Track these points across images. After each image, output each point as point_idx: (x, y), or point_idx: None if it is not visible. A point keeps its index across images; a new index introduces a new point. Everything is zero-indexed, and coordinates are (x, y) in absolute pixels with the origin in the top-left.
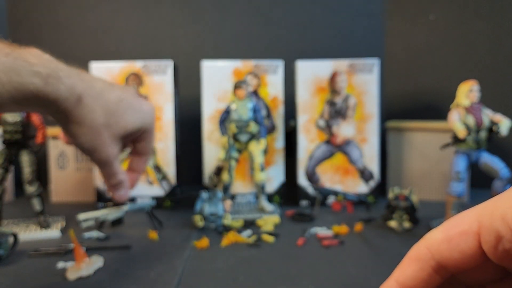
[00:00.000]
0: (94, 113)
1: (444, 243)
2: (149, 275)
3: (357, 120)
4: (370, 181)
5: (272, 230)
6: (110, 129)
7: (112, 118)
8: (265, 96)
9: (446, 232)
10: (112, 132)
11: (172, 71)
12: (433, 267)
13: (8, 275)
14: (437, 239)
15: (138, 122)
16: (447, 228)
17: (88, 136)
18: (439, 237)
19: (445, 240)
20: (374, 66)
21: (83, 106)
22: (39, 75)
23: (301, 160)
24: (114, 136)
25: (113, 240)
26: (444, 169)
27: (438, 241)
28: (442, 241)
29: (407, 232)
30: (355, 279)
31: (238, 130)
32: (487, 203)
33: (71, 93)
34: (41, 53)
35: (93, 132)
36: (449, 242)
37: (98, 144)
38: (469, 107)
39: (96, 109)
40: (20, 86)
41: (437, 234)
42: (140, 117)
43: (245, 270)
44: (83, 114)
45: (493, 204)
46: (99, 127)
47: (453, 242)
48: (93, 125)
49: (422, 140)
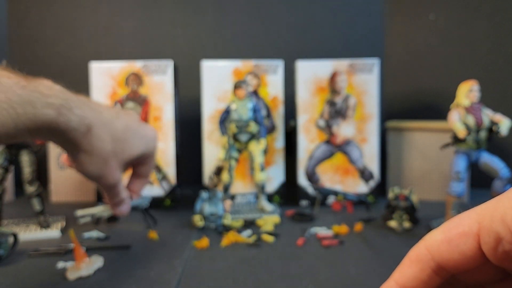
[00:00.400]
0: (103, 142)
1: (444, 244)
2: (149, 275)
3: (357, 120)
4: (370, 181)
5: (272, 230)
6: (117, 156)
7: (119, 145)
8: (265, 96)
9: (446, 233)
10: (119, 159)
11: (172, 71)
12: (433, 268)
13: (8, 275)
14: (437, 240)
15: (142, 148)
16: (447, 229)
17: (96, 164)
18: (439, 238)
19: (445, 241)
20: (374, 66)
21: (92, 135)
22: (52, 106)
23: (301, 160)
24: (120, 162)
25: (113, 240)
26: (444, 169)
27: (438, 242)
28: (442, 242)
29: (407, 232)
30: (355, 279)
31: (238, 130)
32: (487, 204)
33: (82, 123)
34: (53, 84)
35: (101, 160)
36: (449, 243)
37: (105, 172)
38: (469, 107)
39: (104, 138)
40: (34, 117)
41: (437, 235)
42: (144, 143)
43: (245, 270)
44: (92, 143)
45: (493, 205)
46: (107, 155)
47: (453, 243)
48: (102, 154)
49: (422, 140)
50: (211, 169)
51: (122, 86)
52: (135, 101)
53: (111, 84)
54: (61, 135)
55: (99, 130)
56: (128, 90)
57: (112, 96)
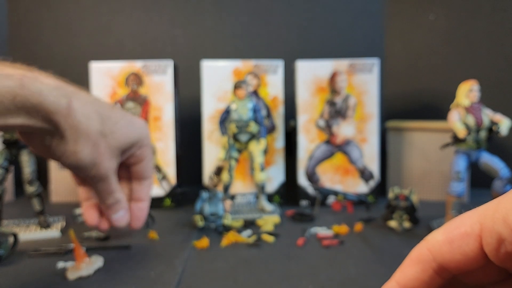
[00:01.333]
0: (88, 119)
1: (445, 245)
2: (149, 275)
3: (357, 120)
4: (370, 181)
5: (272, 230)
6: (107, 139)
7: (107, 125)
8: (265, 96)
9: (447, 233)
10: (109, 143)
11: (172, 71)
12: (434, 268)
13: (8, 275)
14: (439, 241)
15: (134, 135)
16: (449, 229)
17: (85, 148)
18: (440, 238)
19: (446, 242)
20: (374, 66)
21: (75, 110)
22: (11, 77)
23: (301, 160)
24: (111, 148)
25: (113, 240)
26: (444, 169)
27: (439, 242)
28: (443, 243)
29: (407, 232)
30: (355, 279)
31: (238, 130)
32: (488, 204)
33: (58, 94)
34: (11, 63)
35: (90, 143)
36: (451, 244)
37: (96, 156)
38: (469, 107)
39: (89, 113)
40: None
41: (439, 236)
42: (135, 130)
43: (245, 270)
44: (77, 119)
45: (495, 206)
46: (95, 137)
47: (454, 244)
48: (90, 134)
49: (422, 140)
50: (211, 169)
51: (122, 86)
52: (135, 101)
53: (111, 84)
54: (36, 113)
55: (82, 104)
56: (128, 90)
57: (112, 96)
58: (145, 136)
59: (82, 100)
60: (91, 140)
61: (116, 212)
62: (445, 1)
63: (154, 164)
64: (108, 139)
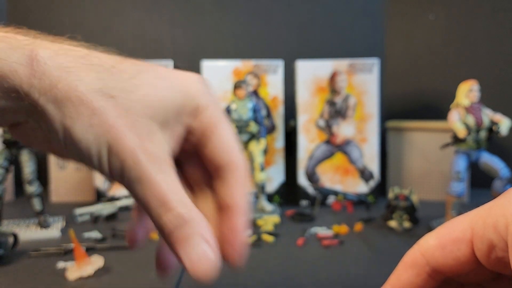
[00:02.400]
0: (69, 72)
1: (438, 249)
2: (148, 275)
3: (357, 120)
4: (370, 181)
5: (272, 230)
6: (130, 112)
7: (112, 81)
8: (265, 96)
9: (439, 238)
10: (133, 112)
11: None
12: (428, 272)
13: (8, 275)
14: (432, 246)
15: (173, 93)
16: (441, 234)
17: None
18: (433, 243)
19: (439, 246)
20: (374, 66)
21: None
22: None
23: (301, 160)
24: (141, 117)
25: (113, 240)
26: (444, 169)
27: (432, 247)
28: (436, 247)
29: (407, 232)
30: (355, 279)
31: (238, 130)
32: (480, 210)
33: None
34: None
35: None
36: (443, 249)
37: (105, 131)
38: (469, 107)
39: (72, 66)
40: None
41: (431, 240)
42: (176, 85)
43: (245, 270)
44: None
45: (486, 212)
46: (91, 96)
47: (447, 249)
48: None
49: (422, 140)
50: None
51: None
52: None
53: None
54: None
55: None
56: None
57: None
58: (201, 92)
59: (55, 50)
60: (84, 105)
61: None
62: (445, 1)
63: (236, 138)
64: (127, 96)
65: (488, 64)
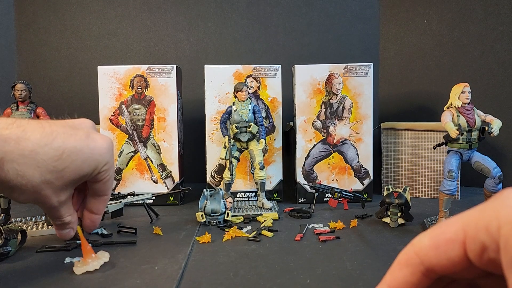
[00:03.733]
0: (24, 177)
1: (432, 250)
2: (153, 269)
3: (352, 121)
4: (365, 179)
5: (271, 226)
6: (52, 184)
7: (51, 174)
8: (265, 98)
9: (433, 239)
10: (56, 185)
11: (175, 75)
12: (422, 271)
13: (16, 271)
14: (426, 246)
15: (89, 167)
16: (434, 235)
17: (22, 196)
18: (427, 243)
19: (433, 247)
20: (369, 69)
21: (6, 171)
22: None
23: (299, 159)
24: (59, 187)
25: (119, 236)
26: (437, 168)
27: (426, 247)
28: (430, 248)
29: (400, 228)
30: (350, 273)
31: (239, 130)
32: (472, 212)
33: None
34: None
35: (29, 192)
36: (437, 249)
37: (39, 198)
38: (461, 108)
39: (26, 172)
40: None
41: (425, 241)
42: (92, 161)
43: (245, 264)
44: (9, 179)
45: (478, 214)
46: (35, 187)
47: (440, 249)
48: (26, 187)
49: (416, 140)
50: (214, 167)
51: (127, 88)
52: (139, 103)
53: (117, 86)
54: None
55: (16, 165)
56: (133, 92)
57: (117, 98)
58: (105, 162)
59: (17, 158)
60: (29, 191)
61: (62, 230)
62: (438, 5)
63: (112, 184)
64: (53, 184)
65: (480, 67)
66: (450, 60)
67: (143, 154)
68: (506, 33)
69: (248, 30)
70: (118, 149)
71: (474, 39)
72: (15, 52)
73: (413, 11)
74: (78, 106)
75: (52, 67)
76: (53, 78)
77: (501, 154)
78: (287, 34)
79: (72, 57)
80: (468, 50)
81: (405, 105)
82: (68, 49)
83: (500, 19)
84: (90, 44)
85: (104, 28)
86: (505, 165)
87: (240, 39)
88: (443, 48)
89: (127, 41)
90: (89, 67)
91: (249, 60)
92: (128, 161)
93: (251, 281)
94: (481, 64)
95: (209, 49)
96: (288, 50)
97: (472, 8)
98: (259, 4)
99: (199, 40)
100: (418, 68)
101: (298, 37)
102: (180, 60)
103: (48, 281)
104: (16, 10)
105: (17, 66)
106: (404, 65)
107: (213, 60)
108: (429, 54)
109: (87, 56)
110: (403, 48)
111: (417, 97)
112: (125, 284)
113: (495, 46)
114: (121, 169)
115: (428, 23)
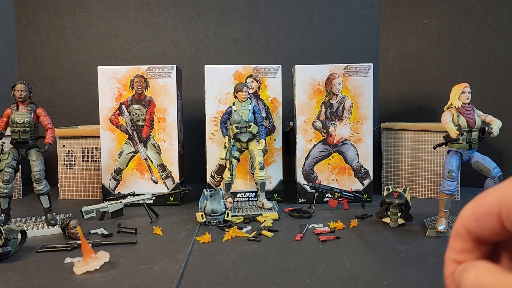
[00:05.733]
0: None
1: (473, 221)
2: (153, 269)
3: (352, 121)
4: (365, 179)
5: (271, 226)
6: None
7: None
8: (265, 98)
9: (474, 210)
10: None
11: (175, 75)
12: (472, 239)
13: (16, 271)
14: (469, 217)
15: None
16: (474, 206)
17: None
18: (469, 215)
19: (473, 218)
20: (369, 69)
21: None
22: None
23: (299, 159)
24: None
25: (119, 236)
26: (437, 168)
27: (470, 219)
28: (472, 219)
29: (400, 228)
30: (350, 272)
31: (239, 130)
32: (506, 186)
33: None
34: None
35: None
36: (478, 221)
37: None
38: (461, 108)
39: None
40: None
41: (468, 212)
42: None
43: (245, 264)
44: None
45: (510, 189)
46: None
47: (480, 221)
48: None
49: (416, 140)
50: (214, 168)
51: (127, 89)
52: (139, 103)
53: (117, 86)
54: None
55: None
56: (133, 93)
57: (118, 98)
58: None
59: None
60: None
61: None
62: (438, 5)
63: None
64: None
65: (480, 67)
66: (450, 60)
67: (143, 155)
68: (506, 33)
69: (248, 30)
70: (118, 149)
71: (474, 39)
72: (15, 52)
73: (413, 11)
74: (78, 106)
75: (52, 67)
76: (53, 78)
77: (501, 154)
78: (287, 35)
79: (72, 57)
80: (468, 50)
81: (405, 105)
82: (68, 50)
83: (500, 19)
84: (90, 44)
85: (104, 28)
86: (505, 165)
87: (240, 40)
88: (443, 48)
89: (127, 42)
90: (89, 67)
91: (249, 61)
92: (128, 162)
93: (251, 281)
94: (481, 64)
95: (209, 49)
96: (288, 51)
97: (472, 8)
98: (259, 4)
99: (199, 41)
100: (418, 68)
101: (298, 38)
102: (180, 60)
103: (48, 281)
104: (16, 10)
105: (17, 66)
106: (404, 65)
107: (213, 60)
108: (429, 54)
109: (87, 56)
110: (403, 49)
111: (417, 97)
112: (125, 284)
113: (495, 46)
114: (121, 170)
115: (428, 23)
